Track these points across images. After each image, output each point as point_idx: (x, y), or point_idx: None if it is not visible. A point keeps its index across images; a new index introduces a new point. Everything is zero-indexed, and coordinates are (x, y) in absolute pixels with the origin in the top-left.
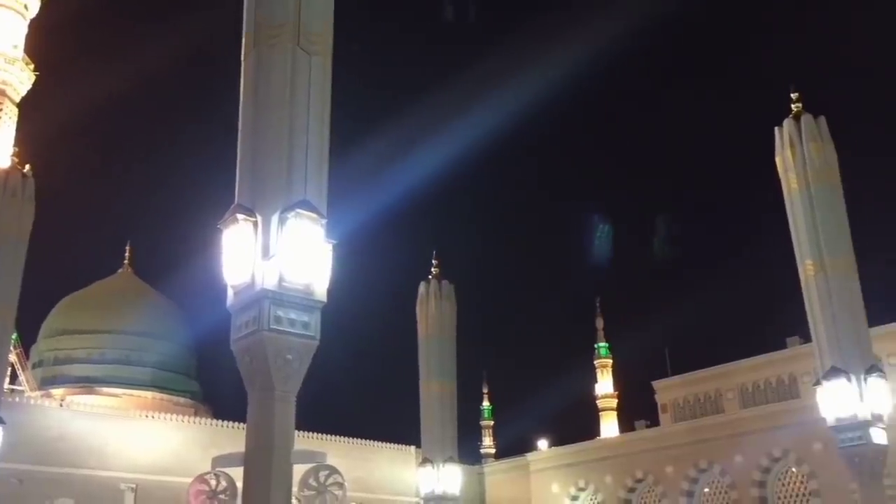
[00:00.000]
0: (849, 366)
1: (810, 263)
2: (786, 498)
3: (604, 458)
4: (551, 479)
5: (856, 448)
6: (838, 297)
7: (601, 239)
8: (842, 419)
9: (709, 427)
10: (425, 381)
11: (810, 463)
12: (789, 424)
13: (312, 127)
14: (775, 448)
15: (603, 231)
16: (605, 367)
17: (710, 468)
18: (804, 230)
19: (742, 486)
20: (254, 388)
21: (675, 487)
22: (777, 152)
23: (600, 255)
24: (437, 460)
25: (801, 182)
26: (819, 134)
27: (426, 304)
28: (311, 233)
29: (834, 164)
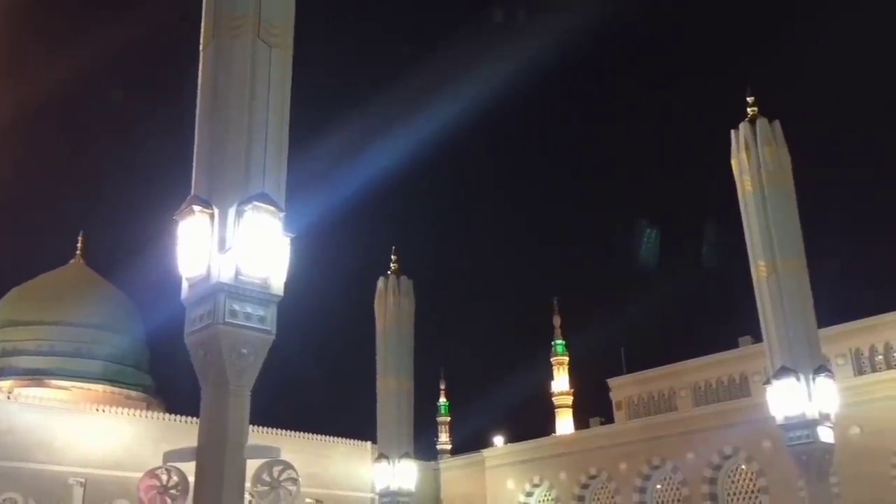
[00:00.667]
0: (798, 366)
1: (763, 264)
2: (735, 495)
3: (559, 455)
4: (507, 475)
5: (803, 446)
6: (789, 298)
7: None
8: (790, 418)
9: (662, 425)
10: (382, 376)
11: (760, 460)
12: (740, 422)
13: (272, 120)
14: (726, 446)
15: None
16: (561, 364)
17: (662, 465)
18: (757, 232)
19: (693, 482)
20: (207, 383)
21: (628, 484)
22: (733, 155)
23: (555, 252)
24: (393, 456)
25: (755, 184)
26: (773, 138)
27: (384, 300)
28: (269, 226)
29: (787, 168)
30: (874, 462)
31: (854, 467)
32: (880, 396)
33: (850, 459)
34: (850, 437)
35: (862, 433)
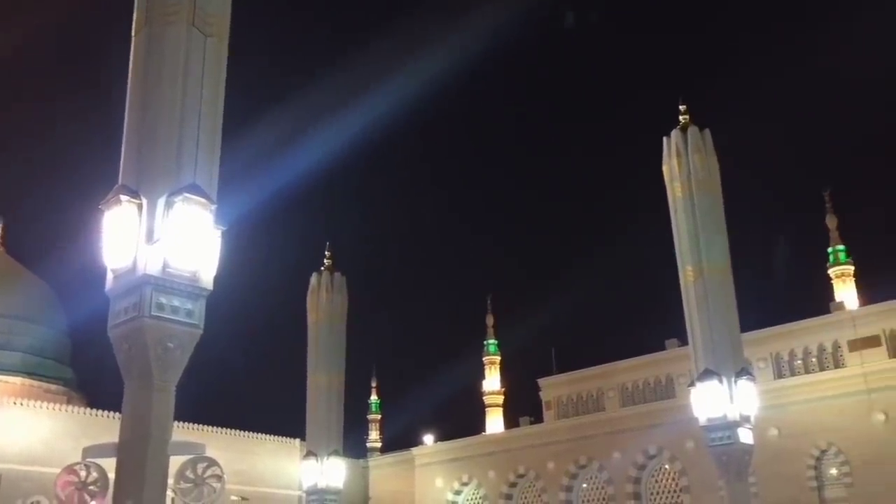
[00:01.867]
0: (721, 368)
1: (690, 269)
2: (658, 494)
3: (488, 454)
4: (436, 473)
5: (724, 447)
6: (714, 303)
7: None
8: (712, 419)
9: (590, 424)
10: (313, 373)
11: (682, 460)
12: (665, 423)
13: (205, 110)
14: (651, 446)
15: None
16: (493, 363)
17: (589, 464)
18: (686, 237)
19: (618, 481)
20: (131, 377)
21: (555, 483)
22: (664, 161)
23: (489, 251)
24: (322, 454)
25: (685, 191)
26: (703, 145)
27: (317, 296)
28: (200, 218)
29: (716, 175)
30: (791, 463)
31: (772, 468)
32: (798, 399)
33: (768, 460)
34: (769, 438)
35: (780, 435)
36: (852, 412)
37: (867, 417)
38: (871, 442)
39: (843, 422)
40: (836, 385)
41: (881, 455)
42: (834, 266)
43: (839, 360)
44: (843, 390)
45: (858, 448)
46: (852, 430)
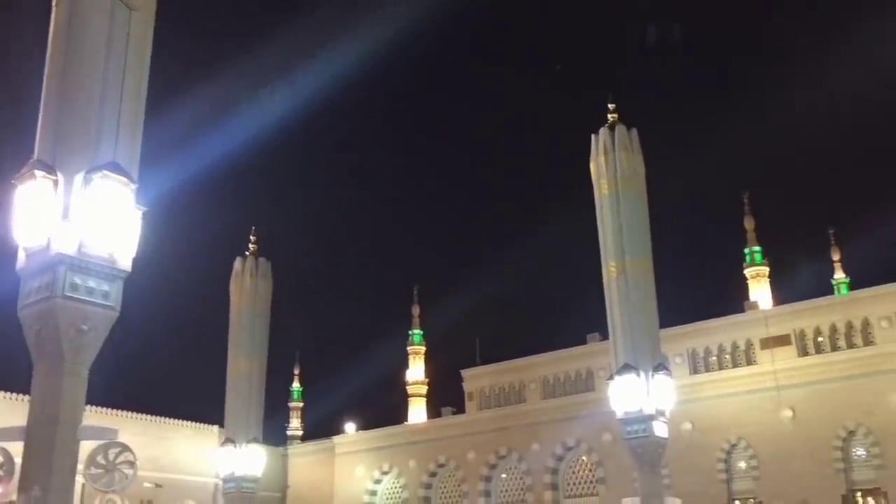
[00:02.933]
0: (639, 363)
1: (613, 265)
2: (575, 485)
3: (409, 443)
4: (357, 462)
5: (639, 439)
6: (635, 299)
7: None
8: (629, 412)
9: (511, 416)
10: (234, 359)
11: (599, 452)
12: (584, 416)
13: (128, 85)
14: (569, 437)
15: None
16: (417, 353)
17: (509, 455)
18: (610, 233)
19: (537, 472)
20: (41, 359)
21: (474, 473)
22: (592, 158)
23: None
24: (240, 441)
25: (611, 188)
26: (630, 144)
27: (241, 281)
28: (119, 197)
29: (641, 174)
30: (702, 455)
31: (684, 460)
32: (711, 395)
33: (681, 452)
34: (683, 431)
35: (693, 429)
36: (762, 408)
37: (776, 413)
38: (779, 437)
39: (753, 417)
40: (748, 381)
41: (788, 450)
42: (750, 266)
43: (751, 357)
44: (754, 387)
45: (766, 442)
46: (761, 425)
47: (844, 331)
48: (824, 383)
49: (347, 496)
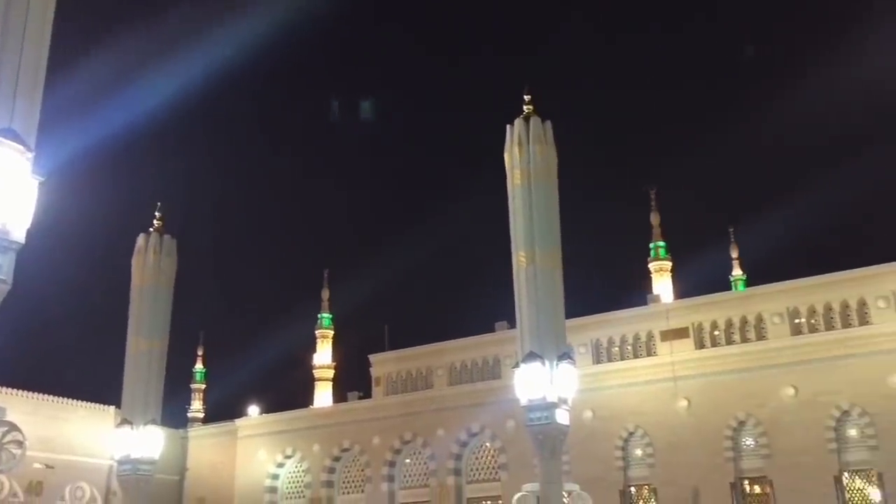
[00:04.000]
0: (544, 352)
1: (523, 255)
2: (478, 470)
3: (314, 427)
4: (259, 445)
5: (542, 427)
6: (543, 289)
7: None
8: (533, 400)
9: (417, 401)
10: (134, 338)
11: (502, 438)
12: (489, 403)
13: (27, 47)
14: (474, 424)
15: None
16: (325, 337)
17: (414, 440)
18: (521, 223)
19: (441, 457)
20: None
21: (379, 457)
22: (506, 149)
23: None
24: (138, 422)
25: (523, 179)
26: (544, 136)
27: (143, 258)
28: (14, 165)
29: (553, 166)
30: (601, 442)
31: (584, 447)
32: (612, 384)
33: (581, 440)
34: (584, 419)
35: (594, 417)
36: (659, 398)
37: (672, 403)
38: (674, 426)
39: (651, 406)
40: (648, 372)
41: (682, 438)
42: (654, 261)
43: (652, 348)
44: (653, 377)
45: (662, 431)
46: (658, 414)
47: (739, 325)
48: (718, 375)
49: (249, 480)
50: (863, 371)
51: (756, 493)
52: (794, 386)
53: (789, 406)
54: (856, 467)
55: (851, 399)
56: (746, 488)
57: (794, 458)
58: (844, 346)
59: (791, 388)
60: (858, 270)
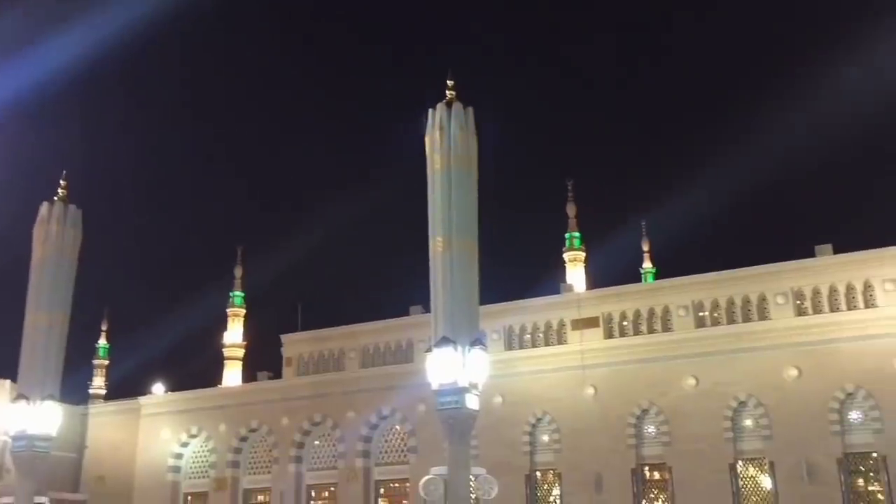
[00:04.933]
0: (458, 337)
1: (440, 240)
2: (387, 453)
3: (221, 407)
4: (163, 424)
5: (452, 411)
6: (459, 274)
7: None
8: (444, 384)
9: (328, 383)
10: (33, 310)
11: (413, 422)
12: (401, 386)
13: None
14: (385, 407)
15: None
16: (237, 316)
17: (323, 422)
18: (440, 209)
19: (350, 439)
20: None
21: (287, 438)
22: (427, 133)
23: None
24: (35, 397)
25: (443, 164)
26: (466, 123)
27: (46, 228)
28: None
29: (474, 153)
30: (510, 428)
31: (493, 432)
32: (523, 371)
33: (490, 424)
34: (494, 405)
35: (504, 402)
36: (568, 385)
37: (580, 390)
38: (580, 412)
39: (559, 393)
40: (558, 360)
41: (588, 425)
42: (569, 251)
43: (563, 337)
44: (563, 364)
45: (569, 418)
46: (566, 401)
47: (647, 316)
48: (625, 364)
49: (151, 458)
50: (760, 364)
51: (655, 478)
52: (695, 376)
53: (690, 396)
54: (749, 456)
55: (748, 390)
56: (647, 474)
57: (692, 446)
58: (744, 339)
59: (693, 379)
60: (760, 267)
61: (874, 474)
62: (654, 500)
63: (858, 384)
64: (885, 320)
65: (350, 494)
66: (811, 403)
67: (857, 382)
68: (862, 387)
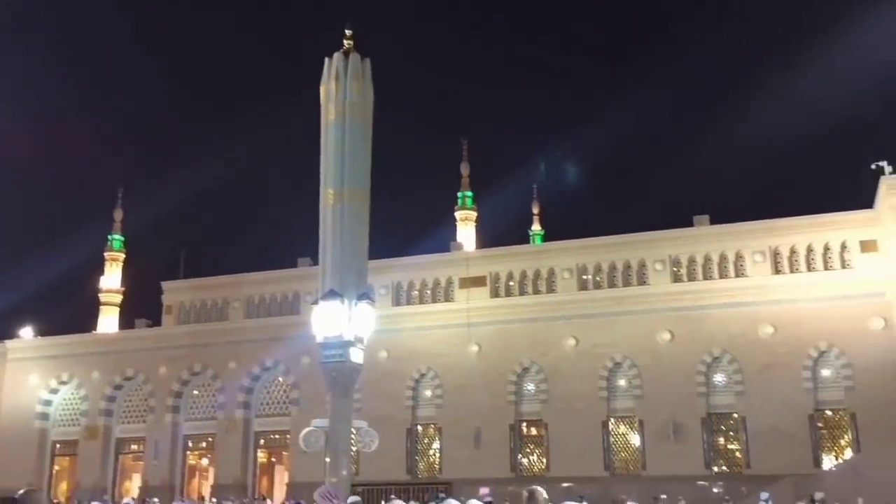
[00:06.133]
0: (345, 290)
1: (332, 192)
2: (268, 404)
3: (95, 354)
4: (31, 369)
5: (336, 364)
6: (349, 228)
7: None
8: (329, 337)
9: (210, 333)
10: None
11: (296, 374)
12: (285, 338)
13: None
14: (269, 359)
15: None
16: (115, 260)
17: (203, 372)
18: (333, 160)
19: (231, 391)
20: None
21: (164, 388)
22: (322, 82)
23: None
24: None
25: (338, 115)
26: (362, 74)
27: None
28: None
29: (370, 105)
30: (394, 382)
31: (377, 386)
32: (410, 327)
33: (374, 379)
34: (378, 359)
35: (388, 357)
36: (453, 342)
37: (464, 347)
38: (463, 370)
39: (444, 350)
40: (444, 317)
41: (470, 381)
42: (461, 210)
43: (450, 294)
44: (449, 321)
45: (452, 374)
46: (450, 357)
47: (533, 278)
48: (509, 323)
49: (16, 405)
50: (636, 327)
51: (532, 434)
52: (575, 337)
53: (569, 355)
54: (621, 414)
55: (624, 352)
56: (524, 430)
57: (568, 404)
58: (623, 303)
59: (573, 339)
60: (641, 234)
61: (734, 433)
62: (529, 455)
63: (725, 349)
64: (752, 289)
65: (228, 445)
66: (681, 366)
67: (723, 347)
68: (728, 351)
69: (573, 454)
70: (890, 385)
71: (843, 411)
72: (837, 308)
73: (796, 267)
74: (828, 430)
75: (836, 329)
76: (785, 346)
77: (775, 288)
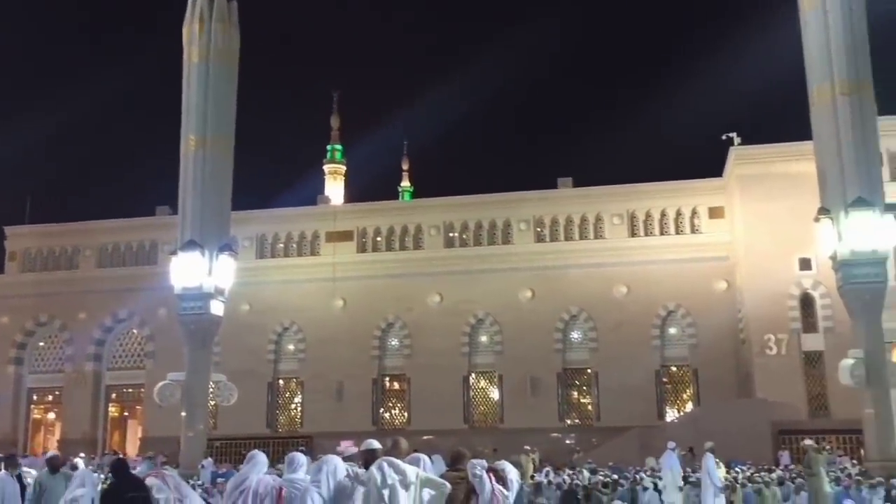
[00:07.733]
0: (206, 241)
1: (193, 138)
2: (121, 357)
3: None
4: None
5: (195, 316)
6: (212, 176)
7: None
8: (188, 289)
9: (58, 281)
10: None
11: (152, 326)
12: (141, 289)
13: None
14: (122, 310)
15: None
16: None
17: (50, 322)
18: (194, 105)
19: (81, 342)
20: None
21: (7, 338)
22: (186, 23)
23: None
24: None
25: (201, 57)
26: (228, 16)
27: None
28: None
29: (235, 49)
30: (256, 336)
31: (238, 339)
32: (274, 280)
33: (235, 332)
34: (240, 312)
35: (250, 310)
36: (317, 296)
37: (329, 302)
38: (328, 324)
39: (308, 303)
40: (309, 271)
41: (334, 336)
42: (330, 163)
43: (316, 248)
44: (314, 276)
45: (316, 328)
46: (315, 311)
47: (400, 234)
48: (375, 279)
49: None
50: (499, 284)
51: (395, 388)
52: (440, 293)
53: (434, 312)
54: (482, 369)
55: (486, 308)
56: (387, 384)
57: (431, 359)
58: (487, 261)
59: (437, 296)
60: (507, 194)
61: (587, 388)
62: (391, 409)
63: (581, 307)
64: (609, 251)
65: (77, 399)
66: (540, 323)
67: (580, 305)
68: (584, 309)
69: (434, 408)
70: (729, 343)
71: (686, 367)
72: (686, 270)
73: (651, 230)
74: (672, 385)
75: (684, 290)
76: (637, 306)
77: (630, 250)
